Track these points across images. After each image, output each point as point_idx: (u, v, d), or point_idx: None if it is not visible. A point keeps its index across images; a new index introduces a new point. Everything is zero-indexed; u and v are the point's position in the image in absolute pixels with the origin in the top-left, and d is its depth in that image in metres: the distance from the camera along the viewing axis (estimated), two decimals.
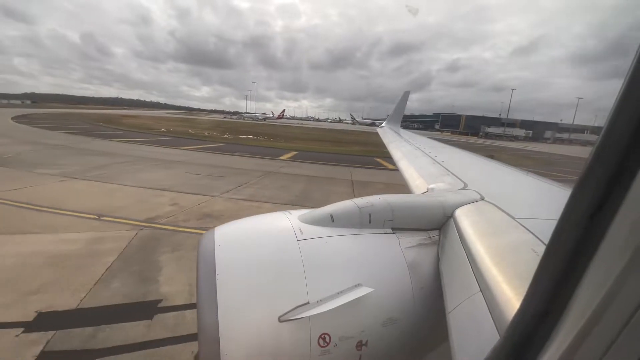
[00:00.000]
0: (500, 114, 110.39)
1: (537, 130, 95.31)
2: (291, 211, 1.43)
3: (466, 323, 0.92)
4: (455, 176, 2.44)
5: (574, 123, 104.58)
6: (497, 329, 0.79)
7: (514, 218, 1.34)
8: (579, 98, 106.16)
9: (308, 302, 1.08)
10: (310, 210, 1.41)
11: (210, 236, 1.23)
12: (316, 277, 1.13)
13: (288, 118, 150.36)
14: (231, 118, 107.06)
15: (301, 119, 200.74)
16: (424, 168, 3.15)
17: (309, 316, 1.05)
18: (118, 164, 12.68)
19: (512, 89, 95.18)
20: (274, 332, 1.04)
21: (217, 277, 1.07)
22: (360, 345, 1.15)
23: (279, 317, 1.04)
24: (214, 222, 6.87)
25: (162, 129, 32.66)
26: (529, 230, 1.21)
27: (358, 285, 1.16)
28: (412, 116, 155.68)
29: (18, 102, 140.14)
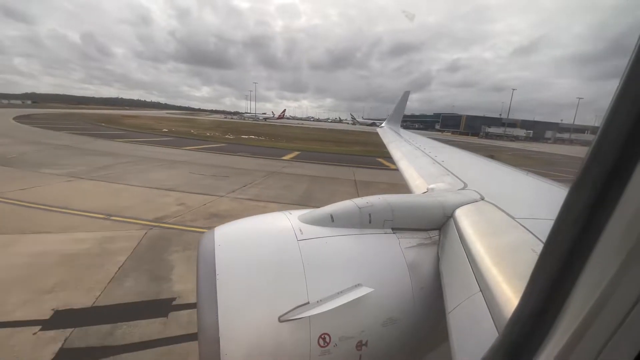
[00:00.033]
0: (500, 114, 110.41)
1: (538, 130, 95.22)
2: (291, 211, 1.42)
3: (466, 323, 0.92)
4: (455, 176, 2.43)
5: (574, 123, 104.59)
6: (497, 328, 0.78)
7: (513, 218, 1.34)
8: (580, 98, 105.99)
9: (308, 302, 1.08)
10: (310, 210, 1.40)
11: (210, 236, 1.22)
12: (316, 277, 1.13)
13: (288, 118, 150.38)
14: (232, 118, 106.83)
15: (301, 119, 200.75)
16: (424, 168, 3.13)
17: (309, 316, 1.05)
18: (122, 164, 12.75)
19: (513, 89, 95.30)
20: (274, 332, 1.04)
21: (217, 277, 1.07)
22: (360, 345, 1.14)
23: (279, 317, 1.04)
24: (221, 221, 6.90)
25: (164, 129, 32.70)
26: (528, 230, 1.21)
27: (358, 285, 1.16)
28: (412, 116, 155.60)
29: (19, 102, 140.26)
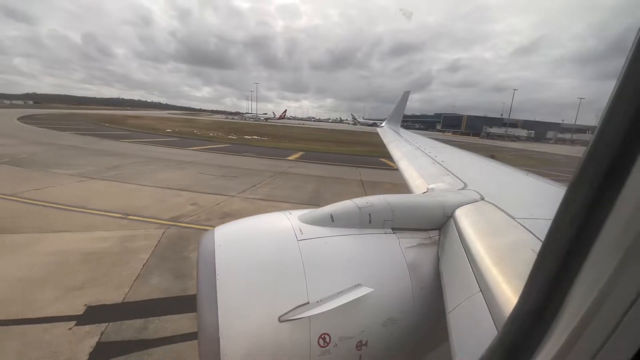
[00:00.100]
0: (502, 114, 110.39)
1: (539, 130, 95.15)
2: (291, 211, 1.42)
3: (466, 323, 0.92)
4: (455, 176, 2.42)
5: (575, 123, 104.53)
6: (497, 328, 0.78)
7: (513, 218, 1.34)
8: (581, 98, 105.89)
9: (308, 302, 1.08)
10: (310, 210, 1.41)
11: (210, 236, 1.22)
12: (316, 277, 1.13)
13: (289, 118, 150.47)
14: (233, 118, 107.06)
15: (302, 119, 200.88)
16: (424, 168, 3.13)
17: (309, 316, 1.05)
18: (131, 164, 12.88)
19: (514, 89, 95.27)
20: (274, 332, 1.04)
21: (217, 277, 1.07)
22: (360, 345, 1.14)
23: (279, 317, 1.05)
24: None
25: (167, 130, 32.87)
26: (528, 230, 1.20)
27: (358, 285, 1.16)
28: (413, 116, 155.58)
29: (20, 102, 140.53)
